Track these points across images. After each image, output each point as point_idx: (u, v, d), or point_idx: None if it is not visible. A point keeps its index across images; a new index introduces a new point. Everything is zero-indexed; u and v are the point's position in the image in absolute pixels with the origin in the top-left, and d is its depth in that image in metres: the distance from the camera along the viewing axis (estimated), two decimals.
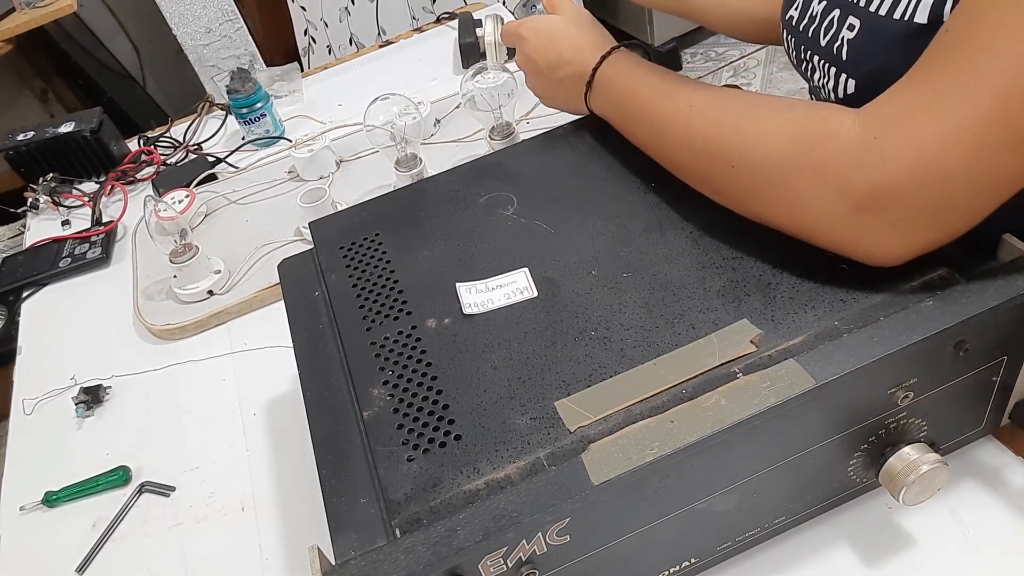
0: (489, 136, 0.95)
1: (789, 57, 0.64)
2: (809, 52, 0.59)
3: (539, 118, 1.01)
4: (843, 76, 0.54)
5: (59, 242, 1.04)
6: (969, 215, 0.44)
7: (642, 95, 0.59)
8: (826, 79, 0.56)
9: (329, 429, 0.49)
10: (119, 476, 0.72)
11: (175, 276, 0.88)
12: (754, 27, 0.75)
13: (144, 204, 0.87)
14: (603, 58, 0.64)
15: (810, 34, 0.58)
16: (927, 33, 0.44)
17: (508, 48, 1.08)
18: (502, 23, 0.92)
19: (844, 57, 0.53)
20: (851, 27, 0.53)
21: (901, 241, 0.44)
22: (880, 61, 0.50)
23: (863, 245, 0.46)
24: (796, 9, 0.61)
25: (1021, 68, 0.39)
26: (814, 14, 0.58)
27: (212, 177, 1.08)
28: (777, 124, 0.48)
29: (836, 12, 0.55)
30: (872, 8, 0.51)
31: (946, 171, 0.41)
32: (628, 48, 0.66)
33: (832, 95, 0.56)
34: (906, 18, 0.47)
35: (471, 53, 1.07)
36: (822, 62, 0.57)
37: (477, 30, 1.13)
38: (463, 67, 1.04)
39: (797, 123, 0.47)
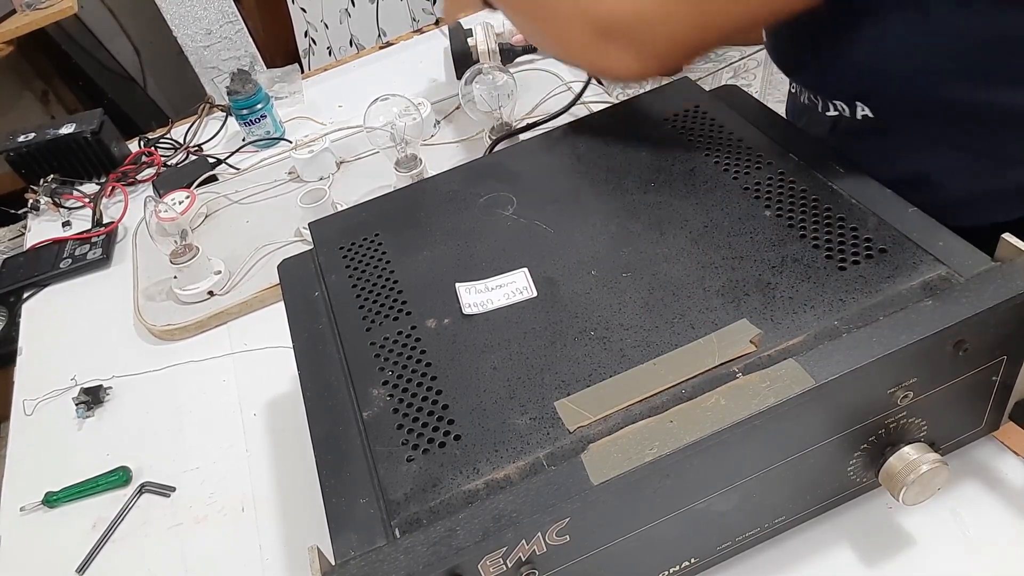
0: (489, 136, 0.95)
1: None
2: None
3: (540, 117, 1.01)
4: None
5: (60, 243, 1.04)
6: (689, 48, 0.55)
7: None
8: None
9: (329, 429, 0.49)
10: (119, 476, 0.72)
11: (175, 277, 0.88)
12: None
13: (144, 205, 0.87)
14: None
15: None
16: None
17: (502, 54, 1.08)
18: (493, 29, 0.91)
19: None
20: None
21: (636, 64, 0.56)
22: None
23: (607, 65, 0.58)
24: None
25: None
26: None
27: (212, 178, 1.08)
28: None
29: None
30: None
31: (668, 12, 0.52)
32: None
33: None
34: None
35: (464, 63, 1.07)
36: None
37: (468, 40, 1.13)
38: (456, 77, 1.04)
39: None
